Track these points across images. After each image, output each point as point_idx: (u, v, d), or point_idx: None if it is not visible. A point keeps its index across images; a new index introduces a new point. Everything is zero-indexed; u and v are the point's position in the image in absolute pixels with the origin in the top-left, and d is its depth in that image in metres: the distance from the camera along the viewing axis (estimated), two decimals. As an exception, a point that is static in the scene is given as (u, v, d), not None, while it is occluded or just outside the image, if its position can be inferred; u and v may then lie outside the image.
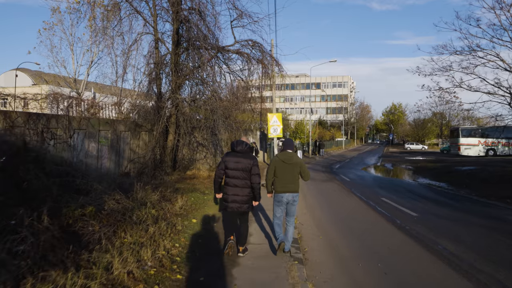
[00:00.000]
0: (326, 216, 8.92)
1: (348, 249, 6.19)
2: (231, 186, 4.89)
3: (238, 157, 4.92)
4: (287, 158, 5.20)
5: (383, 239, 6.73)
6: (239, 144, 4.96)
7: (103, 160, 10.64)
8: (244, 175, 4.91)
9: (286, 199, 5.24)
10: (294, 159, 5.25)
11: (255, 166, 4.98)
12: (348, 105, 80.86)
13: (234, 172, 4.88)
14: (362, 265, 5.32)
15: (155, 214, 5.50)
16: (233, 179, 4.88)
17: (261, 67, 12.93)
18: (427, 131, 67.24)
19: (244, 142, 5.07)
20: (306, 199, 11.24)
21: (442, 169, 22.12)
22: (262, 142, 23.98)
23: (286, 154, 5.26)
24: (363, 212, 9.43)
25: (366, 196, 11.90)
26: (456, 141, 36.12)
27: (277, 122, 19.62)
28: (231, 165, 4.90)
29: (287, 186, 5.21)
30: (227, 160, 4.94)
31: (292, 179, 5.23)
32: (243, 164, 4.88)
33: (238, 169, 4.88)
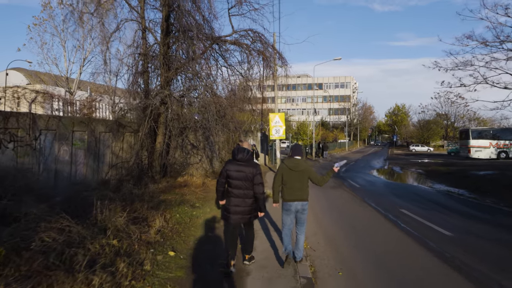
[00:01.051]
0: (342, 237, 7.39)
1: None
2: (233, 197, 4.67)
3: (240, 166, 4.66)
4: (294, 165, 5.00)
5: (422, 275, 5.20)
6: (240, 152, 4.70)
7: (78, 166, 9.14)
8: (247, 185, 4.65)
9: (295, 208, 5.03)
10: (301, 166, 5.03)
11: (258, 175, 4.68)
12: (351, 106, 79.31)
13: (236, 181, 4.65)
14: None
15: (117, 245, 3.99)
16: (235, 189, 4.66)
17: (262, 60, 11.42)
18: (432, 133, 65.59)
19: (246, 149, 4.79)
20: (315, 212, 9.72)
21: (456, 173, 20.55)
22: (263, 144, 22.46)
23: (293, 161, 5.04)
24: (385, 230, 7.89)
25: (383, 207, 10.37)
26: (466, 143, 34.57)
27: (279, 122, 18.11)
28: (233, 174, 4.65)
29: (295, 194, 5.00)
30: (229, 169, 4.69)
31: (301, 187, 5.03)
32: (245, 174, 4.63)
33: (240, 178, 4.63)
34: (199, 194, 9.34)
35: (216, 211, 7.94)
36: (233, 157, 4.76)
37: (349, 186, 15.66)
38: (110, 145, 10.18)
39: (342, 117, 77.57)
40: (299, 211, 5.06)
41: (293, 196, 4.99)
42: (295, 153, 5.18)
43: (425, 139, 65.20)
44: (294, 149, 5.26)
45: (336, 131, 60.25)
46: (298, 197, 5.00)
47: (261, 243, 6.02)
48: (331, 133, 53.89)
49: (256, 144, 21.62)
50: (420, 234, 7.34)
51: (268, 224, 7.52)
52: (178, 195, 8.85)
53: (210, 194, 9.69)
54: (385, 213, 9.60)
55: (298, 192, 5.00)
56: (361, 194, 13.16)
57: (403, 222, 8.46)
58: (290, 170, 5.00)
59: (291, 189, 5.00)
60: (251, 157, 4.79)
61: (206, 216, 7.33)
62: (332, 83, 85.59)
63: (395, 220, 8.74)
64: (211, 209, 7.87)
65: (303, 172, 5.02)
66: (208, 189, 10.33)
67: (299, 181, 5.00)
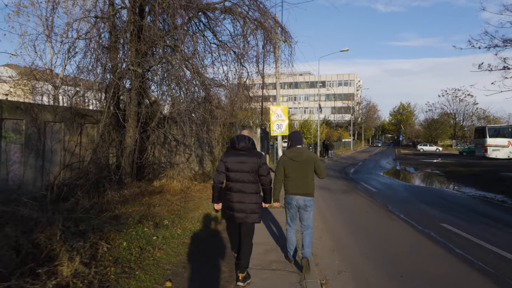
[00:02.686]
0: (378, 274, 4.99)
1: None
2: (235, 192, 3.90)
3: (241, 156, 3.91)
4: (296, 155, 4.40)
5: None
6: (241, 140, 3.94)
7: (11, 166, 6.79)
8: (251, 178, 3.92)
9: (296, 203, 4.43)
10: (305, 155, 4.41)
11: (264, 165, 3.99)
12: (355, 104, 76.80)
13: (238, 174, 3.90)
14: None
15: None
16: (238, 183, 3.90)
17: (262, 33, 9.03)
18: (440, 132, 63.00)
19: (247, 137, 4.02)
20: (328, 225, 7.34)
21: (483, 175, 18.16)
22: (263, 141, 20.05)
23: (295, 151, 4.44)
24: (436, 259, 5.49)
25: (417, 220, 7.98)
26: (482, 141, 32.12)
27: (281, 116, 15.72)
28: (233, 166, 3.90)
29: (298, 187, 4.40)
30: (228, 160, 3.92)
31: (304, 179, 4.40)
32: (249, 165, 3.89)
33: (243, 171, 3.89)
34: (174, 205, 6.96)
35: (192, 229, 5.59)
36: (233, 146, 4.00)
37: (364, 190, 13.27)
38: (62, 140, 7.82)
39: (345, 116, 75.06)
40: (301, 207, 4.45)
41: (295, 189, 4.44)
42: (295, 142, 4.55)
43: (433, 139, 62.60)
44: (294, 138, 4.60)
45: (341, 129, 57.71)
46: (301, 190, 4.42)
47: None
48: (336, 131, 51.39)
49: (256, 142, 19.25)
50: (493, 269, 4.95)
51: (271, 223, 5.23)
52: (144, 206, 6.49)
53: (190, 204, 7.34)
54: (424, 229, 7.20)
55: (301, 185, 4.42)
56: (382, 200, 10.77)
57: (456, 245, 6.07)
58: (292, 161, 4.43)
59: (293, 181, 4.45)
60: (253, 146, 4.04)
61: (172, 244, 4.84)
62: (336, 81, 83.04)
63: (442, 241, 6.34)
64: (184, 229, 5.48)
65: (307, 162, 4.42)
66: (189, 197, 7.98)
67: (303, 173, 4.43)
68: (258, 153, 4.10)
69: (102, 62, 7.98)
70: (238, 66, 9.95)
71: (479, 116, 62.64)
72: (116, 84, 7.67)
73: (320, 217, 8.22)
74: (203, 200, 7.75)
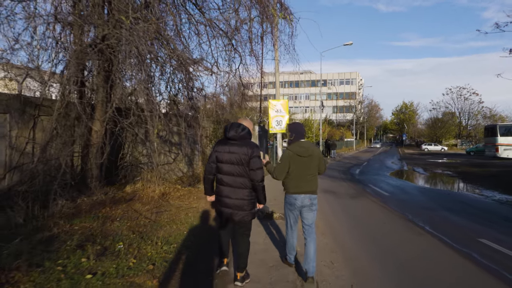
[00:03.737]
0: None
1: None
2: (224, 186, 3.55)
3: (232, 146, 3.50)
4: (303, 150, 3.91)
5: None
6: (232, 127, 3.51)
7: None
8: (240, 171, 3.50)
9: (301, 203, 3.93)
10: (311, 150, 3.95)
11: (255, 158, 3.48)
12: (357, 103, 75.20)
13: (227, 166, 3.51)
14: None
15: None
16: (226, 176, 3.54)
17: (259, 8, 7.49)
18: (445, 131, 61.34)
19: (241, 125, 3.56)
20: (339, 243, 5.80)
21: (503, 176, 16.62)
22: (261, 140, 18.51)
23: (301, 145, 3.94)
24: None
25: (447, 234, 6.43)
26: (492, 140, 30.53)
27: (281, 111, 14.20)
28: (223, 157, 3.52)
29: (303, 185, 3.92)
30: (219, 150, 3.56)
31: (310, 177, 3.96)
32: (237, 156, 3.47)
33: (232, 162, 3.50)
34: (142, 218, 5.42)
35: (154, 257, 4.03)
36: (224, 135, 3.54)
37: (374, 194, 11.73)
38: (7, 134, 6.29)
39: (347, 115, 73.47)
40: (306, 207, 3.96)
41: (300, 188, 3.91)
42: (298, 135, 4.00)
43: (438, 138, 60.94)
44: (296, 131, 4.03)
45: (343, 129, 56.13)
46: (307, 188, 3.92)
47: None
48: (338, 131, 49.81)
49: (254, 141, 17.68)
50: None
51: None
52: (99, 220, 4.95)
53: (164, 216, 5.79)
54: (462, 248, 5.65)
55: (306, 183, 3.93)
56: (397, 207, 9.22)
57: (510, 271, 4.53)
58: (298, 157, 3.88)
59: (297, 180, 3.92)
60: (247, 135, 3.53)
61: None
62: (337, 80, 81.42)
63: (493, 267, 4.80)
64: (141, 258, 3.79)
65: (313, 158, 3.94)
66: (166, 207, 6.45)
67: (309, 170, 3.94)
68: (251, 144, 3.56)
69: (55, 35, 6.42)
70: (228, 49, 8.40)
71: (484, 115, 60.95)
72: (76, 64, 6.12)
73: (328, 229, 6.68)
74: (181, 211, 6.22)
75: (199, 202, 7.05)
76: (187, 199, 7.24)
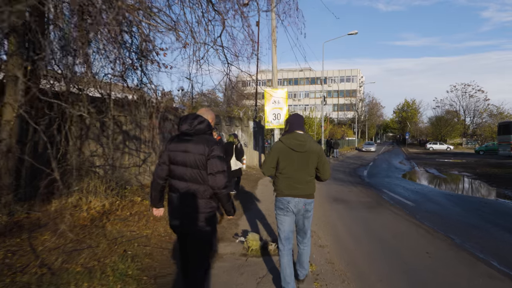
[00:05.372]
0: None
1: None
2: (177, 193, 2.80)
3: (186, 143, 2.77)
4: (297, 144, 3.25)
5: None
6: (187, 120, 2.84)
7: None
8: (193, 175, 2.75)
9: (295, 207, 3.31)
10: (308, 144, 3.28)
11: (215, 159, 2.75)
12: (358, 101, 72.97)
13: (181, 169, 2.77)
14: None
15: None
16: (178, 182, 2.79)
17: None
18: (450, 129, 59.12)
19: (198, 116, 2.86)
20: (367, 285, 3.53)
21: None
22: (257, 137, 16.22)
23: (296, 137, 3.29)
24: None
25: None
26: (507, 138, 28.27)
27: (279, 103, 11.92)
28: (176, 157, 2.79)
29: (297, 187, 3.29)
30: (172, 148, 2.82)
31: (305, 176, 3.30)
32: (192, 156, 2.74)
33: (185, 164, 2.76)
34: (36, 266, 3.13)
35: None
36: (178, 129, 2.87)
37: (394, 202, 9.47)
38: None
39: (348, 114, 71.21)
40: (300, 213, 3.35)
41: (294, 190, 3.27)
42: (295, 126, 3.38)
43: (442, 137, 58.69)
44: (294, 121, 3.43)
45: (345, 127, 53.85)
46: (301, 191, 3.28)
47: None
48: (340, 129, 47.55)
49: (248, 138, 15.39)
50: None
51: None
52: None
53: (81, 258, 3.51)
54: None
55: (301, 184, 3.27)
56: (432, 223, 6.97)
57: None
58: (290, 151, 3.26)
59: (289, 179, 3.27)
60: (206, 129, 2.83)
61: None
62: (337, 77, 79.10)
63: None
64: None
65: (310, 155, 3.28)
66: (97, 237, 4.15)
67: (304, 168, 3.28)
68: (210, 140, 2.79)
69: None
70: (205, 7, 6.09)
71: (491, 113, 58.78)
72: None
73: (347, 263, 4.39)
74: (118, 246, 3.93)
75: (155, 226, 4.79)
76: (139, 220, 4.96)
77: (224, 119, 13.04)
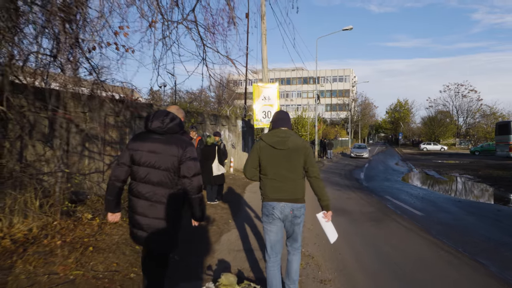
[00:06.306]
0: None
1: None
2: (140, 198, 2.52)
3: (154, 142, 2.53)
4: (278, 141, 2.91)
5: None
6: (157, 116, 2.55)
7: None
8: (163, 178, 2.51)
9: (281, 213, 2.93)
10: (291, 141, 2.92)
11: (190, 161, 2.52)
12: (351, 101, 72.21)
13: (145, 171, 2.51)
14: None
15: None
16: (143, 185, 2.52)
17: None
18: (444, 129, 58.58)
19: (170, 113, 2.61)
20: None
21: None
22: (246, 137, 14.94)
23: (278, 134, 2.96)
24: None
25: None
26: (505, 139, 27.51)
27: (270, 99, 10.66)
28: (141, 157, 2.52)
29: (283, 189, 2.92)
30: (135, 147, 2.54)
31: (290, 178, 2.93)
32: (162, 157, 2.50)
33: (152, 165, 2.50)
34: None
35: None
36: (145, 126, 2.56)
37: (401, 212, 8.30)
38: None
39: (340, 114, 70.33)
40: (288, 219, 2.95)
41: (279, 193, 2.91)
42: (280, 122, 3.03)
43: (436, 137, 58.11)
44: (278, 118, 3.09)
45: (338, 127, 52.87)
46: (288, 195, 2.91)
47: None
48: (333, 129, 46.53)
49: (236, 139, 14.09)
50: None
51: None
52: None
53: None
54: None
55: (286, 186, 2.92)
56: (451, 240, 5.78)
57: None
58: (272, 149, 2.92)
59: (274, 181, 2.91)
60: (178, 128, 2.58)
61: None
62: (330, 77, 78.23)
63: None
64: None
65: (294, 152, 2.90)
66: (3, 279, 2.84)
67: (288, 168, 2.90)
68: (183, 141, 2.56)
69: None
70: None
71: (484, 113, 58.44)
72: None
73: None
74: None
75: (92, 261, 3.43)
76: (71, 253, 3.52)
77: (208, 118, 11.71)
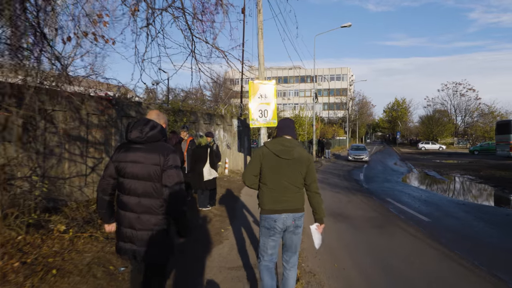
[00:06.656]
0: None
1: None
2: (126, 211, 2.44)
3: (136, 152, 2.43)
4: (283, 150, 2.85)
5: None
6: (137, 126, 2.44)
7: None
8: (147, 189, 2.41)
9: (283, 224, 2.87)
10: (297, 151, 2.87)
11: (172, 170, 2.41)
12: (348, 100, 71.81)
13: (130, 182, 2.42)
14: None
15: None
16: (128, 197, 2.43)
17: None
18: (442, 128, 58.27)
19: (150, 121, 2.49)
20: None
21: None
22: (242, 137, 14.38)
23: (283, 143, 2.90)
24: None
25: None
26: (506, 138, 27.09)
27: (267, 98, 10.09)
28: (126, 169, 2.42)
29: (282, 200, 2.86)
30: (119, 159, 2.45)
31: (292, 188, 2.88)
32: (143, 167, 2.39)
33: (135, 176, 2.40)
34: None
35: None
36: (126, 137, 2.46)
37: (405, 217, 7.79)
38: None
39: (338, 113, 69.90)
40: (289, 229, 2.91)
41: (280, 204, 2.84)
42: (284, 130, 2.98)
43: (434, 136, 57.80)
44: (283, 126, 3.02)
45: (335, 126, 52.40)
46: (289, 205, 2.86)
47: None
48: (330, 128, 46.02)
49: (231, 139, 13.53)
50: None
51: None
52: None
53: None
54: None
55: (288, 198, 2.85)
56: (468, 253, 5.27)
57: None
58: (275, 158, 2.84)
59: (275, 191, 2.85)
60: (160, 136, 2.47)
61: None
62: (328, 75, 77.76)
63: None
64: None
65: (298, 163, 2.85)
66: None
67: (290, 178, 2.84)
68: (165, 148, 2.44)
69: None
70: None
71: (482, 112, 58.19)
72: None
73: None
74: None
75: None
76: (32, 278, 2.98)
77: (202, 117, 11.14)
